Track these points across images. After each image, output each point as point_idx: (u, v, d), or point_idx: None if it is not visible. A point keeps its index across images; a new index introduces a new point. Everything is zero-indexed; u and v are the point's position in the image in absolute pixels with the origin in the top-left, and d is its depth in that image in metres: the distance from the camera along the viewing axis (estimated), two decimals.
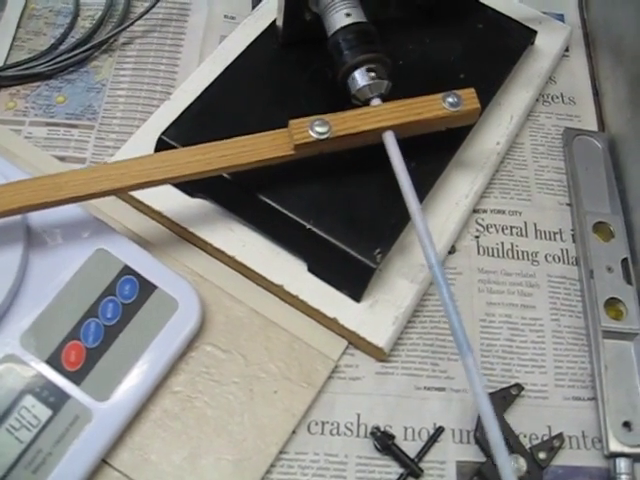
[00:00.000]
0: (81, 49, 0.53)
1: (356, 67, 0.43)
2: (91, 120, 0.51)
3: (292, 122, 0.41)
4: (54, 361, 0.39)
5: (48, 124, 0.50)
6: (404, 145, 0.42)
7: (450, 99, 0.43)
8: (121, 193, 0.40)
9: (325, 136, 0.41)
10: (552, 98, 0.56)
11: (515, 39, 0.53)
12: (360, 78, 0.43)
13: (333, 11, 0.44)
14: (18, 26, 0.55)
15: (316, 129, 0.41)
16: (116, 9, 0.57)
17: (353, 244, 0.42)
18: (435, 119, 0.43)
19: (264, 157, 0.41)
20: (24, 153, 0.48)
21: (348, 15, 0.44)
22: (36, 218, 0.41)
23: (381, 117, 0.42)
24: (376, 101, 0.43)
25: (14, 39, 0.54)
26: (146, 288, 0.41)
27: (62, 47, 0.53)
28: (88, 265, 0.41)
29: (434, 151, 0.45)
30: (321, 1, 0.45)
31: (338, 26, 0.44)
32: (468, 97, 0.43)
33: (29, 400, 0.38)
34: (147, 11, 0.54)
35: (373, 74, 0.42)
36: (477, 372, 0.36)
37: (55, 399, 0.38)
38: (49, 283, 0.40)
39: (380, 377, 0.43)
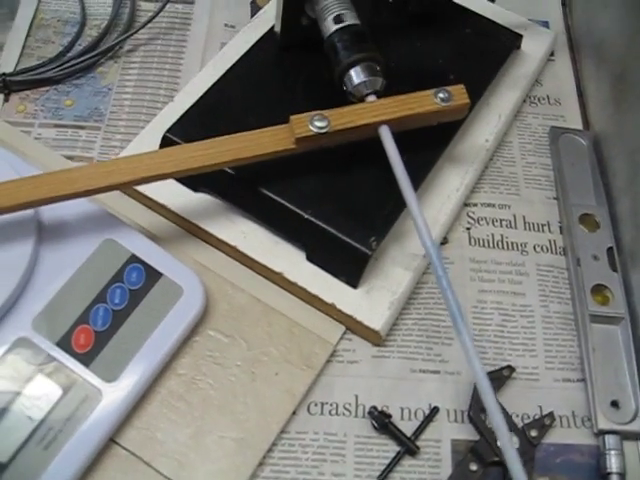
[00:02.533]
0: (88, 55, 0.55)
1: (352, 65, 0.45)
2: (98, 122, 0.53)
3: (293, 117, 0.43)
4: (64, 344, 0.40)
5: (57, 126, 0.52)
6: (398, 140, 0.44)
7: (441, 94, 0.45)
8: (132, 186, 0.42)
9: (324, 130, 0.43)
10: (539, 99, 0.59)
11: (501, 42, 0.55)
12: (356, 76, 0.45)
13: (329, 15, 0.47)
14: (28, 35, 0.57)
15: (316, 123, 0.43)
16: (121, 18, 0.59)
17: (349, 232, 0.44)
18: (427, 113, 0.45)
19: (267, 151, 0.43)
20: (34, 152, 0.50)
21: (343, 18, 0.46)
22: (47, 210, 0.43)
23: (377, 112, 0.44)
24: (372, 98, 0.45)
25: (24, 47, 0.56)
26: (152, 275, 0.43)
27: (70, 54, 0.56)
28: (97, 254, 0.43)
29: (426, 146, 0.47)
30: (317, 6, 0.48)
31: (333, 29, 0.46)
32: (458, 93, 0.45)
33: (40, 380, 0.39)
34: (150, 20, 0.57)
35: (368, 72, 0.45)
36: (470, 339, 0.38)
37: (65, 379, 0.40)
38: (59, 271, 0.42)
39: (377, 360, 0.45)
